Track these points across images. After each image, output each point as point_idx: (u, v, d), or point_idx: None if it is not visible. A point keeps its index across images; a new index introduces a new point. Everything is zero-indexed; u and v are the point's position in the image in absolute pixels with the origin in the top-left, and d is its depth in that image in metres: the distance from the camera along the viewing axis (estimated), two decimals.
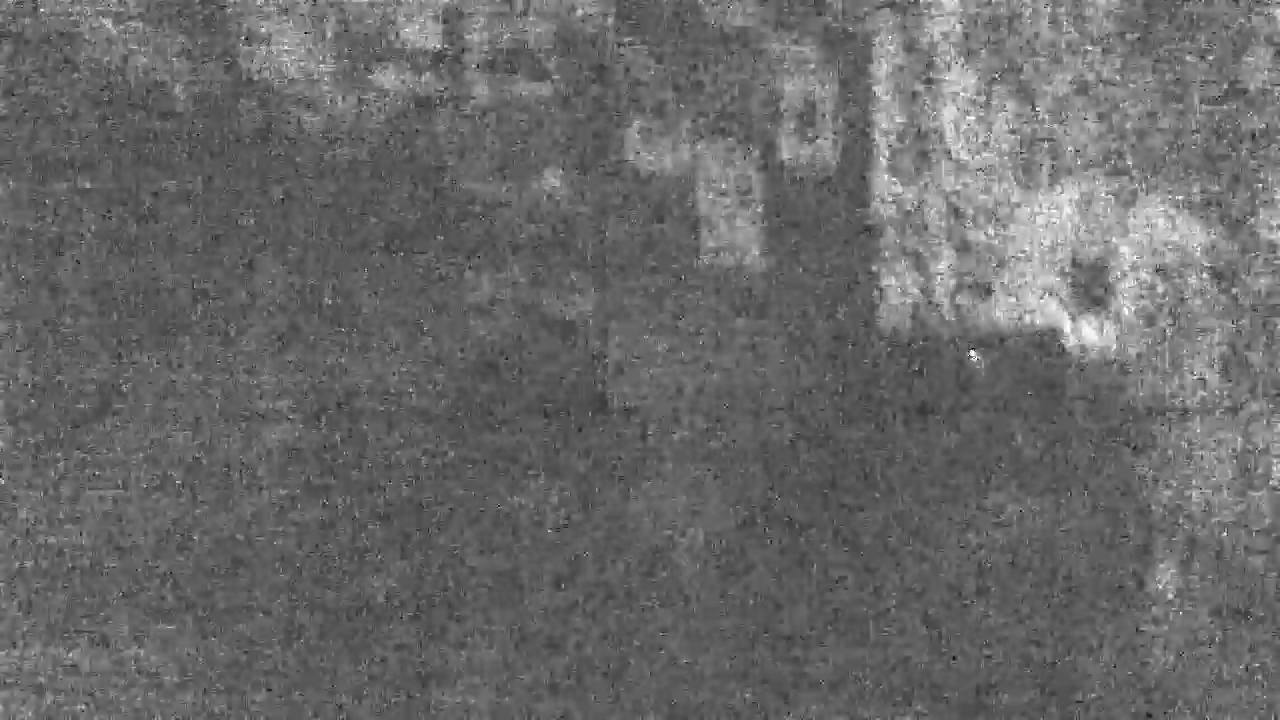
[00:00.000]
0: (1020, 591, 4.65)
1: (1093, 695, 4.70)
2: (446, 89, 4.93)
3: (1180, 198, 5.25)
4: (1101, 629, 4.79)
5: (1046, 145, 5.35)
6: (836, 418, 5.08)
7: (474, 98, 4.97)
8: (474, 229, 4.95)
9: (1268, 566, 5.07)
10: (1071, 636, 4.70)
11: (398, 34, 4.88)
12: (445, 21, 4.93)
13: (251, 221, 4.63)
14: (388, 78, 4.85)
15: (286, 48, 4.71)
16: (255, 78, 4.68)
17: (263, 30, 4.69)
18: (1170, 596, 5.10)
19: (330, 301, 4.74)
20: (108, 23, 4.50)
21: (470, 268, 4.91)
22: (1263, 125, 5.19)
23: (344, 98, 4.79)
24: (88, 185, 4.47)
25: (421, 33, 4.91)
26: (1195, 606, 5.10)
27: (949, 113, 5.42)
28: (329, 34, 4.78)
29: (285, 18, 4.71)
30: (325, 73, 4.77)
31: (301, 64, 4.74)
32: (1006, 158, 5.38)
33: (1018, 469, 4.83)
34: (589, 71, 5.13)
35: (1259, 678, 4.99)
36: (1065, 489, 4.87)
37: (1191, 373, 5.22)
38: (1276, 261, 5.18)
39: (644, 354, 5.10)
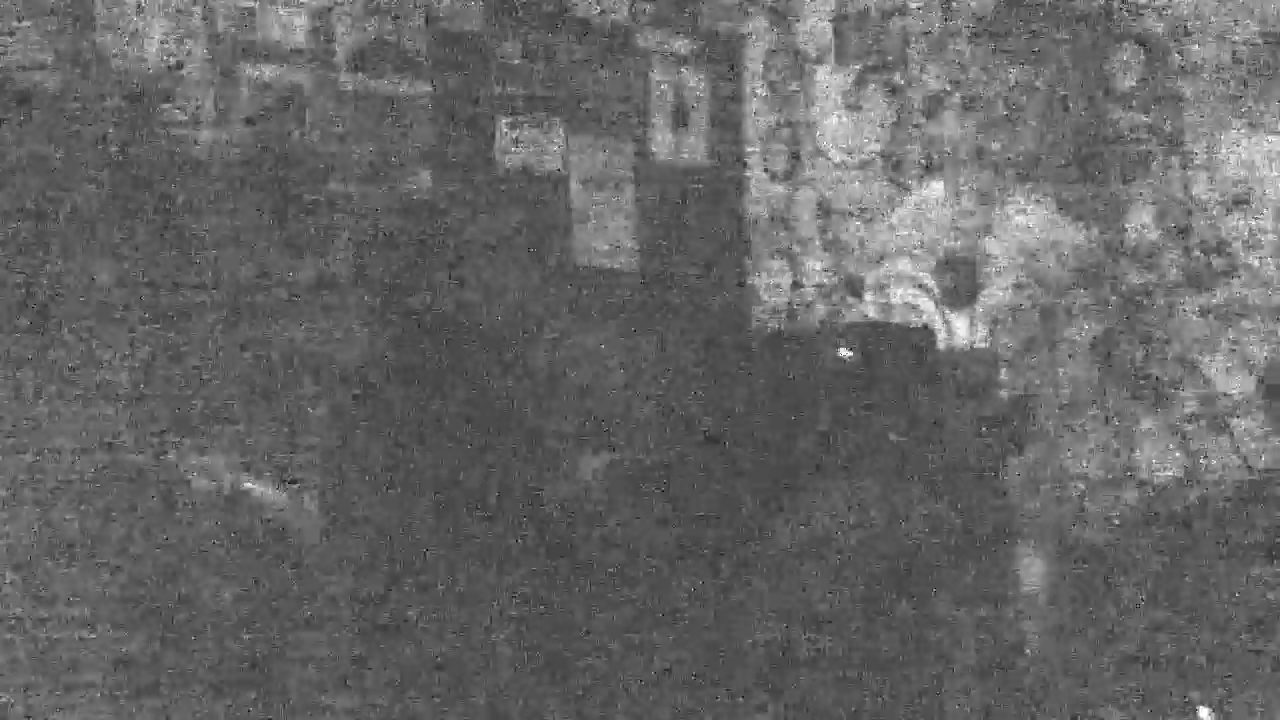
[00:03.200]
0: (887, 587, 4.66)
1: (959, 692, 4.71)
2: (315, 85, 4.90)
3: (1050, 195, 5.29)
4: (969, 625, 4.81)
5: (917, 143, 5.38)
6: (708, 412, 5.08)
7: (343, 94, 4.94)
8: (342, 227, 4.92)
9: (1137, 561, 5.10)
10: (939, 632, 4.71)
11: (265, 29, 4.84)
12: (313, 17, 4.90)
13: (113, 215, 4.59)
14: (255, 73, 4.82)
15: (152, 40, 4.68)
16: (120, 70, 4.64)
17: (128, 22, 4.65)
18: (1039, 592, 5.13)
19: (199, 299, 4.71)
20: None
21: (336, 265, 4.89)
22: (1132, 124, 5.24)
23: (210, 92, 4.76)
24: None
25: (289, 28, 4.88)
26: (1065, 602, 5.13)
27: (821, 111, 5.45)
28: (195, 27, 4.74)
29: (151, 10, 4.67)
30: (191, 66, 4.74)
31: (167, 57, 4.70)
32: (877, 156, 5.41)
33: (888, 465, 4.84)
34: (460, 68, 5.12)
35: (1129, 671, 5.03)
36: (935, 485, 4.89)
37: (1061, 369, 5.26)
38: (1144, 260, 5.22)
39: (518, 351, 5.09)
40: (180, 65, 4.73)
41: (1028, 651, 5.03)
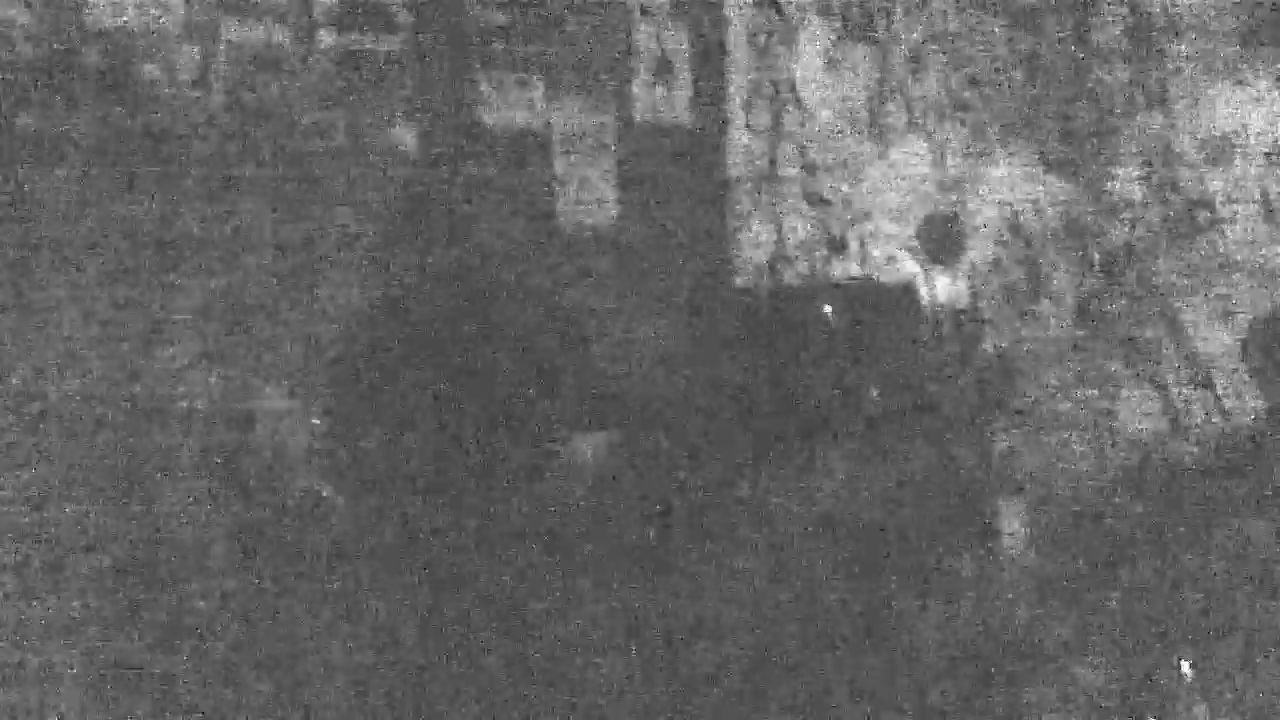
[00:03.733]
0: (868, 544, 4.66)
1: (942, 649, 4.72)
2: (294, 42, 4.88)
3: (1033, 152, 5.28)
4: (951, 583, 4.81)
5: (900, 100, 5.36)
6: (691, 371, 5.08)
7: (322, 51, 4.92)
8: (323, 185, 4.91)
9: (1119, 518, 5.11)
10: (919, 591, 4.71)
11: None
12: None
13: (93, 174, 4.59)
14: (234, 30, 4.80)
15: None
16: (99, 27, 4.62)
17: None
18: (1021, 549, 5.14)
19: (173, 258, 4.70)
20: None
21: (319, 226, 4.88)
22: (1115, 81, 5.23)
23: (190, 49, 4.74)
24: None
25: None
26: (1047, 559, 5.14)
27: (803, 67, 5.43)
28: None
29: None
30: (171, 23, 4.72)
31: (147, 14, 4.68)
32: (860, 112, 5.39)
33: (869, 421, 4.84)
34: (440, 25, 5.09)
35: (1112, 627, 5.04)
36: (916, 442, 4.89)
37: (1043, 328, 5.26)
38: (1127, 217, 5.22)
39: (504, 310, 5.08)
40: (159, 22, 4.71)
41: (1011, 604, 5.05)
